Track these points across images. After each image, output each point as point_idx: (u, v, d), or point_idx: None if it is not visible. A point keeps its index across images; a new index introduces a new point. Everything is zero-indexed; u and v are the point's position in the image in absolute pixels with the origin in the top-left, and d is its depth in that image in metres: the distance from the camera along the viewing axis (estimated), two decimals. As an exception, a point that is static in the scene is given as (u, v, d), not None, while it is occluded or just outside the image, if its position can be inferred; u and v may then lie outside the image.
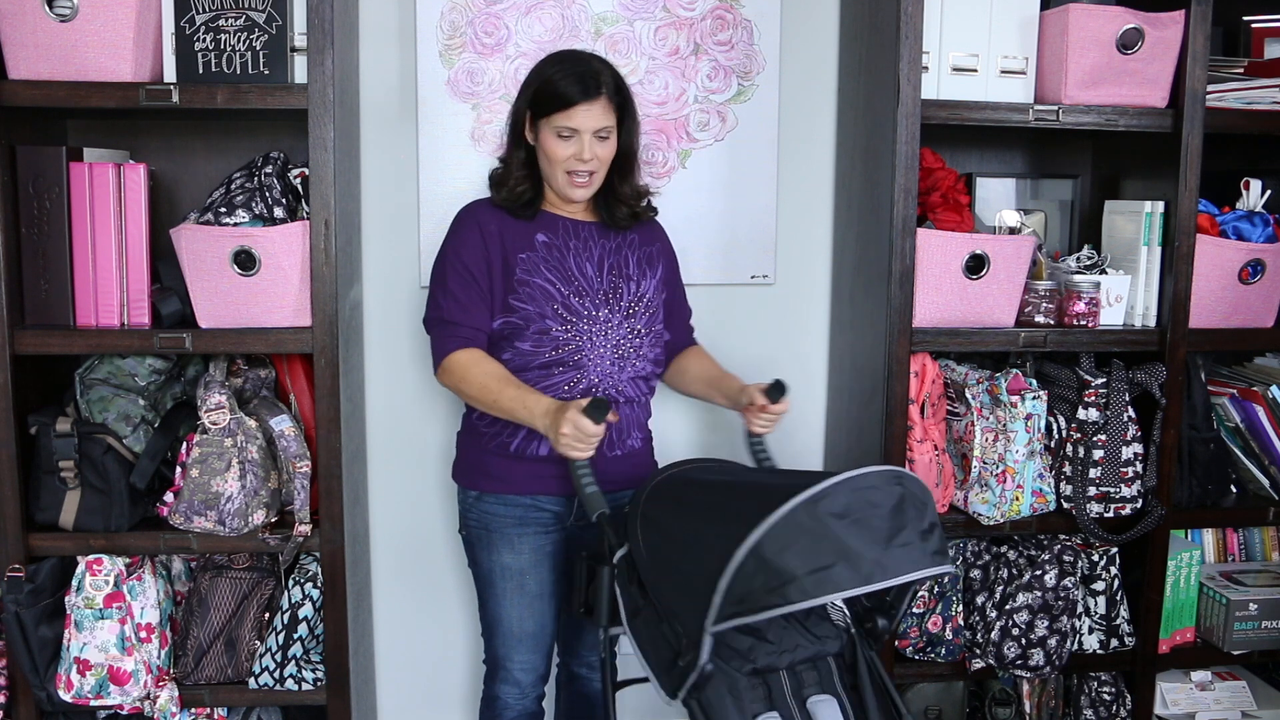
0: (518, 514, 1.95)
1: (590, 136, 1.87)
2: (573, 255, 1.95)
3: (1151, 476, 2.24)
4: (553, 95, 1.86)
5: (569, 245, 1.95)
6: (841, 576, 1.40)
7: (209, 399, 2.00)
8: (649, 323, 1.99)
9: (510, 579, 1.96)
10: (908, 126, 2.06)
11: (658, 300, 2.02)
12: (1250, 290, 2.24)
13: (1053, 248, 2.51)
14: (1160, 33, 2.12)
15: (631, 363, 1.96)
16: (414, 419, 2.48)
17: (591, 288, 1.94)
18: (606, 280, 1.96)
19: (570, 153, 1.87)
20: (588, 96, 1.85)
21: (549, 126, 1.88)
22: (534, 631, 1.99)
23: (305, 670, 2.08)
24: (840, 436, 2.51)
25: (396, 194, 2.40)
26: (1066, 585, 2.20)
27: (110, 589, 1.98)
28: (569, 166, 1.88)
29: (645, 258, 2.02)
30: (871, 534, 1.43)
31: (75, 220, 1.95)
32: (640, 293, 1.98)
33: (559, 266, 1.93)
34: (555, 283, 1.91)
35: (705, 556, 1.46)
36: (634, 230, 2.03)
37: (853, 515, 1.43)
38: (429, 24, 2.33)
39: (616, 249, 1.99)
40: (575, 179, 1.90)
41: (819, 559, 1.40)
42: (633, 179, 2.00)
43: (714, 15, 2.42)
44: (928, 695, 2.38)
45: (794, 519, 1.42)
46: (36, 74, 1.88)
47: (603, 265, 1.96)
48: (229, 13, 1.91)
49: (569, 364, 1.90)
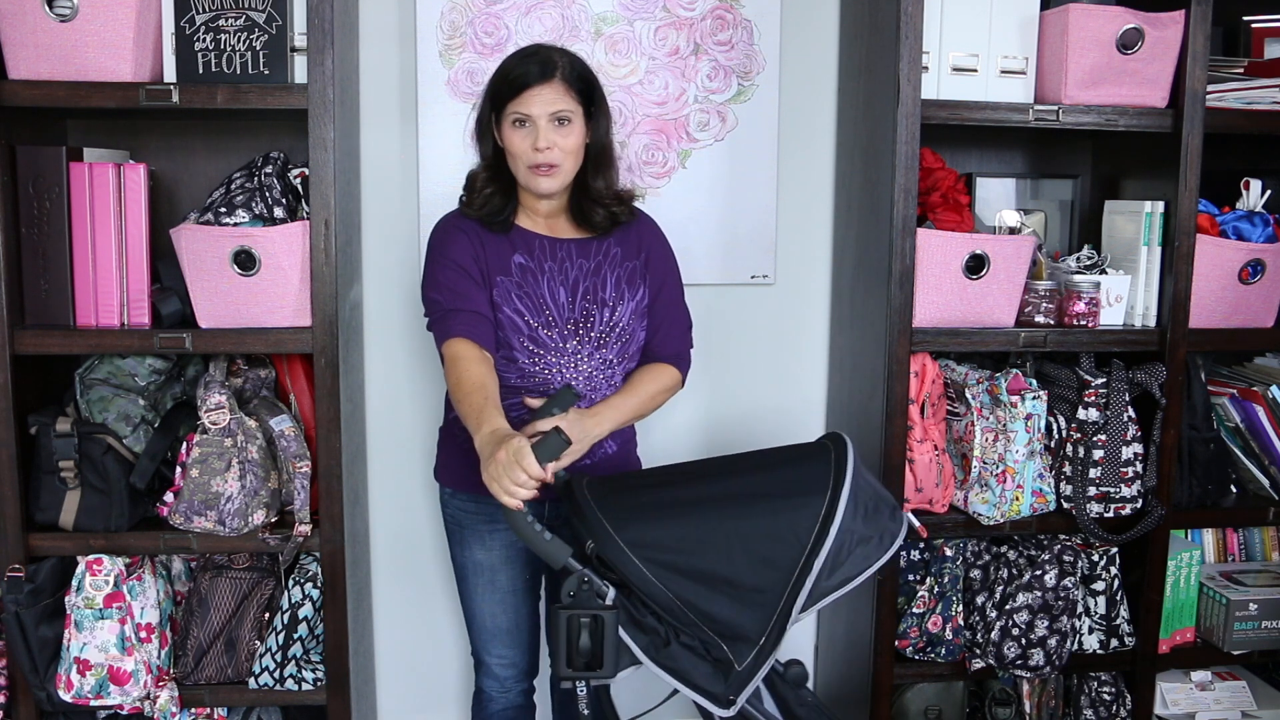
0: (489, 511, 1.93)
1: (546, 122, 1.80)
2: (546, 280, 1.87)
3: (1151, 476, 2.24)
4: (506, 82, 1.82)
5: (544, 268, 1.88)
6: (891, 534, 1.62)
7: (209, 399, 2.00)
8: (621, 351, 1.90)
9: (482, 574, 1.97)
10: (908, 126, 2.06)
11: (635, 326, 1.92)
12: (1250, 290, 2.24)
13: (1053, 248, 2.51)
14: (1160, 33, 2.12)
15: (603, 392, 1.90)
16: (414, 419, 2.48)
17: (561, 317, 1.86)
18: (579, 307, 1.88)
19: (529, 143, 1.80)
20: (541, 79, 1.79)
21: (507, 119, 1.82)
22: (508, 627, 1.99)
23: (305, 670, 2.08)
24: (840, 436, 2.51)
25: (396, 194, 2.40)
26: (1066, 585, 2.20)
27: (110, 589, 1.98)
28: (529, 160, 1.81)
29: (627, 275, 1.92)
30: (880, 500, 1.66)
31: (75, 220, 1.95)
32: (613, 320, 1.89)
33: (531, 294, 1.86)
34: (524, 313, 1.85)
35: (769, 546, 1.53)
36: (617, 244, 1.93)
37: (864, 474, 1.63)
38: (429, 24, 2.33)
39: (595, 269, 1.90)
40: (538, 170, 1.82)
41: (878, 522, 1.60)
42: (607, 175, 1.92)
43: (714, 15, 2.42)
44: (928, 695, 2.38)
45: (856, 487, 1.56)
46: (36, 74, 1.88)
47: (576, 290, 1.88)
48: (229, 13, 1.91)
49: (536, 394, 1.86)
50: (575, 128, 1.83)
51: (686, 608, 1.54)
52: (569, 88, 1.81)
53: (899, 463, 2.16)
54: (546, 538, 1.57)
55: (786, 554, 1.53)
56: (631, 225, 1.96)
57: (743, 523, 1.55)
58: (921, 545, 2.30)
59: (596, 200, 1.91)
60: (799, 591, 1.52)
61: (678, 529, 1.56)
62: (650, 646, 1.57)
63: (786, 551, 1.53)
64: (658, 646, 1.57)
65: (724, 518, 1.56)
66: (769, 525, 1.54)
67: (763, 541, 1.53)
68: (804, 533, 1.53)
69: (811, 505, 1.54)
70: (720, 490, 1.63)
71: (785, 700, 1.69)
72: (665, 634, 1.57)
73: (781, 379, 2.60)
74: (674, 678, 1.57)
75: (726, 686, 1.55)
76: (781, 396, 2.59)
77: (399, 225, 2.41)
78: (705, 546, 1.54)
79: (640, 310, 1.94)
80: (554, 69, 1.80)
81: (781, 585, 1.53)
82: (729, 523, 1.55)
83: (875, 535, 1.59)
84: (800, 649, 2.70)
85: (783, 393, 2.59)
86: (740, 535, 1.54)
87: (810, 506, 1.54)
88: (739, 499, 1.59)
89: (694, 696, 1.57)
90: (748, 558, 1.53)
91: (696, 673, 1.56)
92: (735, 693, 1.55)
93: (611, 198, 1.92)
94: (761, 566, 1.53)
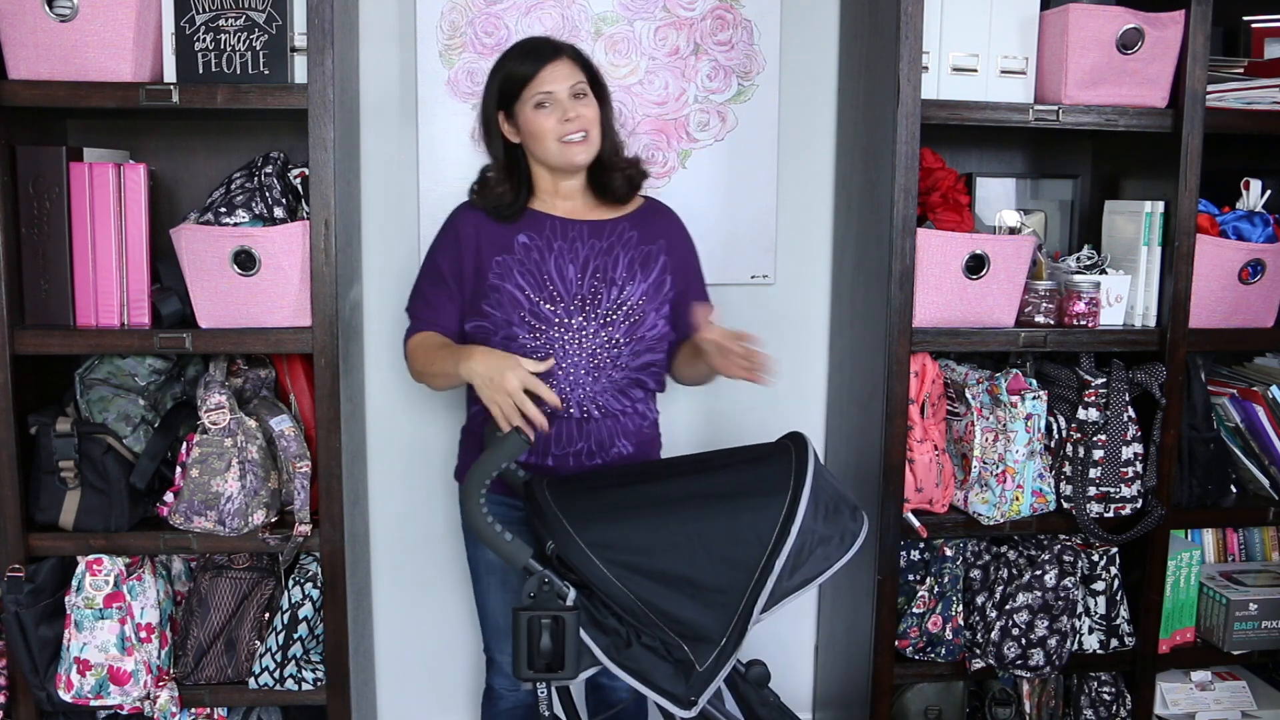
0: (502, 512, 1.93)
1: (567, 96, 1.85)
2: (554, 257, 1.90)
3: (1151, 476, 2.24)
4: (515, 74, 1.87)
5: (552, 246, 1.90)
6: (852, 534, 1.61)
7: (209, 399, 2.00)
8: (629, 331, 1.90)
9: (494, 574, 1.97)
10: (908, 126, 2.06)
11: (647, 307, 1.92)
12: (1250, 290, 2.24)
13: (1053, 248, 2.51)
14: (1160, 33, 2.12)
15: (608, 373, 1.89)
16: (414, 419, 2.48)
17: (568, 293, 1.89)
18: (587, 285, 1.90)
19: (555, 118, 1.85)
20: (553, 56, 1.86)
21: (525, 106, 1.86)
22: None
23: (305, 670, 2.08)
24: (840, 436, 2.51)
25: (396, 194, 2.40)
26: (1066, 585, 2.20)
27: (110, 589, 1.98)
28: (559, 133, 1.85)
29: (641, 258, 1.94)
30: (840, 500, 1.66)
31: (75, 220, 1.95)
32: (621, 299, 1.90)
33: (534, 271, 1.89)
34: (526, 288, 1.87)
35: (730, 547, 1.52)
36: (633, 228, 1.96)
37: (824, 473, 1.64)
38: (429, 24, 2.33)
39: (607, 249, 1.93)
40: (570, 143, 1.86)
41: (839, 522, 1.59)
42: (614, 144, 1.96)
43: (714, 15, 2.42)
44: (928, 695, 2.38)
45: (817, 487, 1.56)
46: (36, 74, 1.88)
47: (586, 267, 1.91)
48: (229, 13, 1.91)
49: (539, 373, 1.87)
50: (591, 101, 1.90)
51: (648, 608, 1.54)
52: (576, 64, 1.89)
53: (899, 463, 2.16)
54: (507, 538, 1.59)
55: (747, 554, 1.53)
56: (650, 212, 2.01)
57: (704, 523, 1.55)
58: (921, 545, 2.30)
59: (611, 167, 1.96)
60: (760, 592, 1.52)
61: (638, 529, 1.57)
62: (611, 647, 1.58)
63: (747, 552, 1.53)
64: (619, 647, 1.57)
65: (685, 518, 1.56)
66: (730, 525, 1.54)
67: (724, 542, 1.54)
68: (765, 533, 1.53)
69: (772, 505, 1.54)
70: (681, 490, 1.63)
71: (747, 701, 1.70)
72: (626, 635, 1.58)
73: (781, 379, 2.60)
74: (635, 679, 1.57)
75: (688, 687, 1.55)
76: (781, 397, 2.59)
77: (399, 225, 2.41)
78: (666, 547, 1.54)
79: (653, 294, 1.94)
80: (560, 49, 1.89)
81: (743, 585, 1.53)
82: (690, 523, 1.55)
83: (836, 535, 1.59)
84: (800, 649, 2.70)
85: (783, 393, 2.59)
86: (701, 535, 1.54)
87: (771, 507, 1.54)
88: (700, 499, 1.59)
89: (655, 697, 1.57)
90: (709, 558, 1.53)
91: (658, 674, 1.57)
92: (696, 693, 1.55)
93: (624, 161, 1.98)
94: (722, 567, 1.53)
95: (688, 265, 2.03)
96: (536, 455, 1.90)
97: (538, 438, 1.81)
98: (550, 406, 1.75)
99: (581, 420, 1.90)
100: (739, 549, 1.53)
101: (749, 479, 1.62)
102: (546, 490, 1.65)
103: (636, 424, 1.97)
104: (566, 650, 1.55)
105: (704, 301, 2.02)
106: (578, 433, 1.90)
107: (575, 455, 1.90)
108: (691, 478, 1.68)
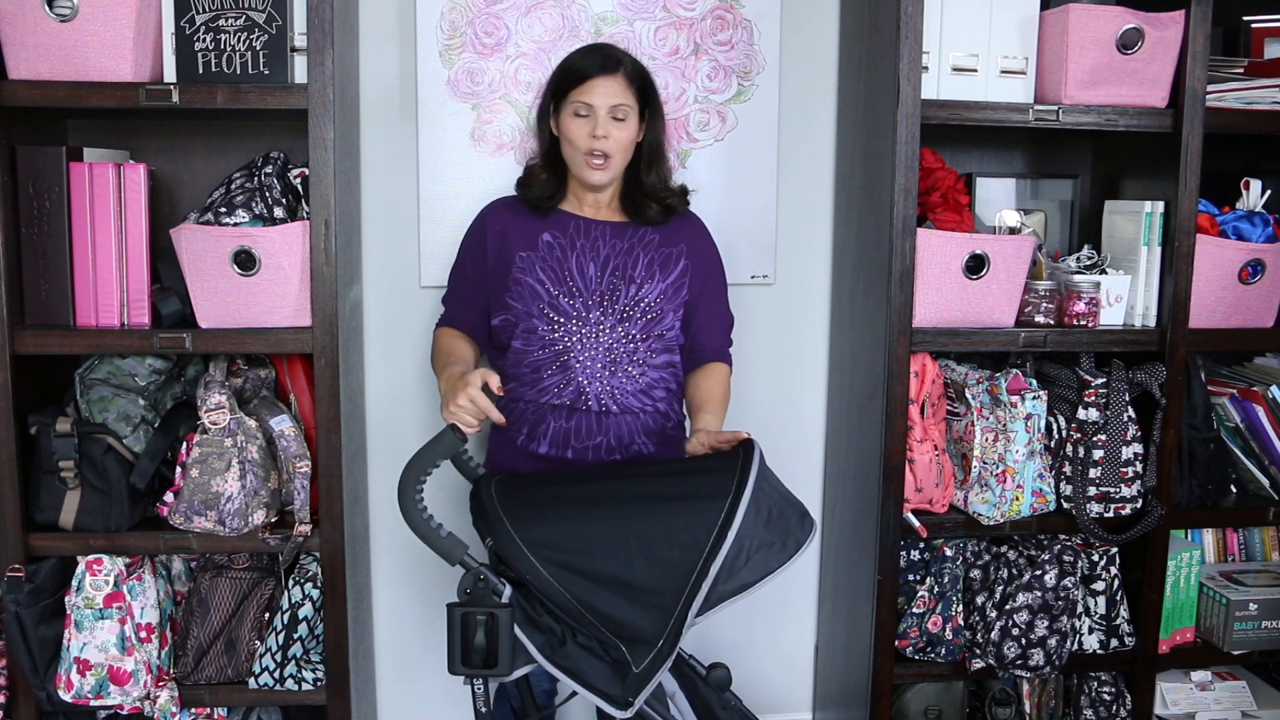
0: None
1: (605, 114, 1.89)
2: (575, 255, 1.95)
3: (1151, 476, 2.24)
4: (571, 72, 1.92)
5: (575, 244, 1.96)
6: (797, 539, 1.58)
7: (209, 399, 2.00)
8: (646, 329, 1.94)
9: None
10: (908, 126, 2.06)
11: (664, 306, 1.95)
12: (1250, 290, 2.25)
13: (1053, 248, 2.51)
14: (1160, 33, 2.12)
15: (624, 369, 1.92)
16: (414, 419, 2.48)
17: (587, 288, 1.93)
18: (606, 282, 1.94)
19: (586, 131, 1.89)
20: (604, 70, 1.89)
21: (568, 108, 1.91)
22: None
23: (305, 670, 2.08)
24: (840, 436, 2.51)
25: (396, 194, 2.40)
26: (1066, 585, 2.20)
27: (110, 589, 1.99)
28: (585, 145, 1.90)
29: (661, 259, 1.97)
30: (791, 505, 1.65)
31: (75, 220, 1.95)
32: (639, 296, 1.94)
33: (556, 267, 1.93)
34: (546, 283, 1.92)
35: (668, 550, 1.52)
36: (655, 231, 1.99)
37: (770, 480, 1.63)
38: (429, 24, 2.33)
39: (628, 250, 1.97)
40: (592, 160, 1.90)
41: (783, 528, 1.57)
42: (660, 170, 2.01)
43: (714, 15, 2.42)
44: (928, 695, 2.38)
45: (757, 491, 1.54)
46: (36, 74, 1.88)
47: (606, 265, 1.95)
48: (229, 13, 1.91)
49: (557, 365, 1.90)
50: (630, 125, 1.92)
51: (584, 608, 1.54)
52: (629, 84, 1.92)
53: (899, 463, 2.16)
54: (443, 534, 1.61)
55: (684, 557, 1.53)
56: (678, 219, 2.05)
57: (643, 525, 1.55)
58: (921, 545, 2.30)
59: (650, 195, 1.99)
60: (695, 595, 1.51)
61: (577, 529, 1.57)
62: (546, 646, 1.58)
63: (684, 555, 1.53)
64: (553, 646, 1.58)
65: (625, 519, 1.56)
66: (668, 528, 1.54)
67: (661, 544, 1.54)
68: (702, 536, 1.53)
69: (712, 509, 1.54)
70: (624, 492, 1.64)
71: (708, 703, 1.69)
72: (562, 633, 1.58)
73: (781, 379, 2.60)
74: (570, 678, 1.57)
75: (624, 688, 1.55)
76: (781, 397, 2.59)
77: (399, 225, 2.41)
78: (604, 548, 1.55)
79: (671, 294, 1.97)
80: (617, 64, 1.91)
81: (679, 588, 1.52)
82: (629, 524, 1.55)
83: (779, 540, 1.57)
84: (800, 649, 2.70)
85: (783, 393, 2.60)
86: (640, 537, 1.54)
87: (710, 510, 1.54)
88: (642, 501, 1.60)
89: (591, 697, 1.57)
90: (646, 560, 1.53)
91: (594, 673, 1.57)
92: (633, 694, 1.54)
93: (667, 191, 2.02)
94: (659, 569, 1.53)
95: (708, 273, 2.06)
96: (557, 448, 1.92)
97: (555, 429, 1.91)
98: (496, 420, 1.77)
99: (600, 414, 1.92)
100: (676, 552, 1.53)
101: (693, 484, 1.63)
102: (493, 488, 1.66)
103: (659, 423, 1.99)
104: (500, 647, 1.57)
105: (719, 301, 2.07)
106: (596, 427, 1.92)
107: (595, 449, 1.93)
108: (639, 481, 1.70)
